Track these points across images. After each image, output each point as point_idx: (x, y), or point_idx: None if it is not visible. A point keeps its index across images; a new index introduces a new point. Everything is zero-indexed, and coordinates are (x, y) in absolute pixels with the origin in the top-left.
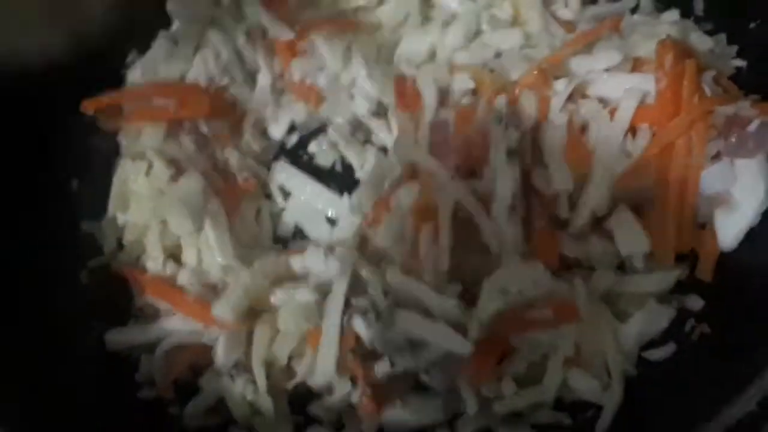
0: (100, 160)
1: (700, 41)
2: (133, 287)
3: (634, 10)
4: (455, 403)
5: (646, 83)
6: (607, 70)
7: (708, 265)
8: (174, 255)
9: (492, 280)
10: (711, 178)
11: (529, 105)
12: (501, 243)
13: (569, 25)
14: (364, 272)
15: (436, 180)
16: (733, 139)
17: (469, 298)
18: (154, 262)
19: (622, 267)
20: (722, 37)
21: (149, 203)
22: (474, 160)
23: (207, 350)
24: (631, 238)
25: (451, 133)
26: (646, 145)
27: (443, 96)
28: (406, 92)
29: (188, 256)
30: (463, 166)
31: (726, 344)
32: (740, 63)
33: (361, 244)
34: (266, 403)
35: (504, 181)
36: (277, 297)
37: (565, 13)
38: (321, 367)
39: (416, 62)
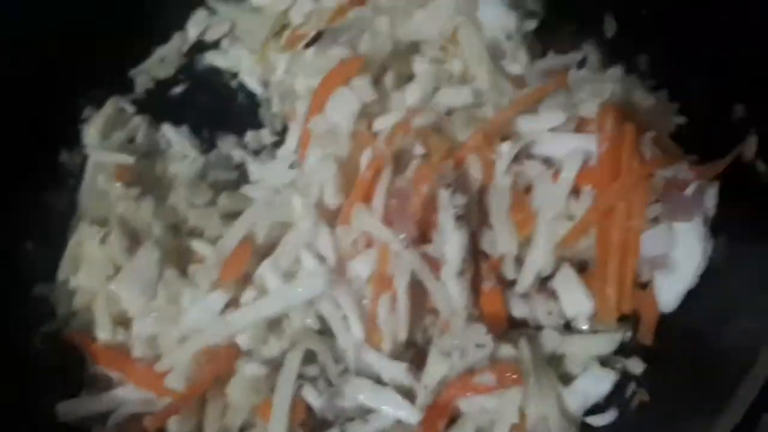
0: (55, 220)
1: (643, 99)
2: (85, 355)
3: (581, 63)
4: None
5: (589, 144)
6: (551, 129)
7: (649, 328)
8: (124, 321)
9: (438, 344)
10: (651, 241)
11: (474, 169)
12: (450, 307)
13: (518, 80)
14: (315, 339)
15: (391, 250)
16: (672, 203)
17: (420, 361)
18: (103, 330)
19: (569, 326)
20: (664, 93)
21: (100, 271)
22: (424, 225)
23: None
24: (575, 298)
25: (409, 200)
26: (588, 207)
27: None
28: None
29: (139, 329)
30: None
31: (665, 411)
32: (681, 120)
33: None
34: None
35: (453, 247)
36: None
37: (514, 68)
38: None
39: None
